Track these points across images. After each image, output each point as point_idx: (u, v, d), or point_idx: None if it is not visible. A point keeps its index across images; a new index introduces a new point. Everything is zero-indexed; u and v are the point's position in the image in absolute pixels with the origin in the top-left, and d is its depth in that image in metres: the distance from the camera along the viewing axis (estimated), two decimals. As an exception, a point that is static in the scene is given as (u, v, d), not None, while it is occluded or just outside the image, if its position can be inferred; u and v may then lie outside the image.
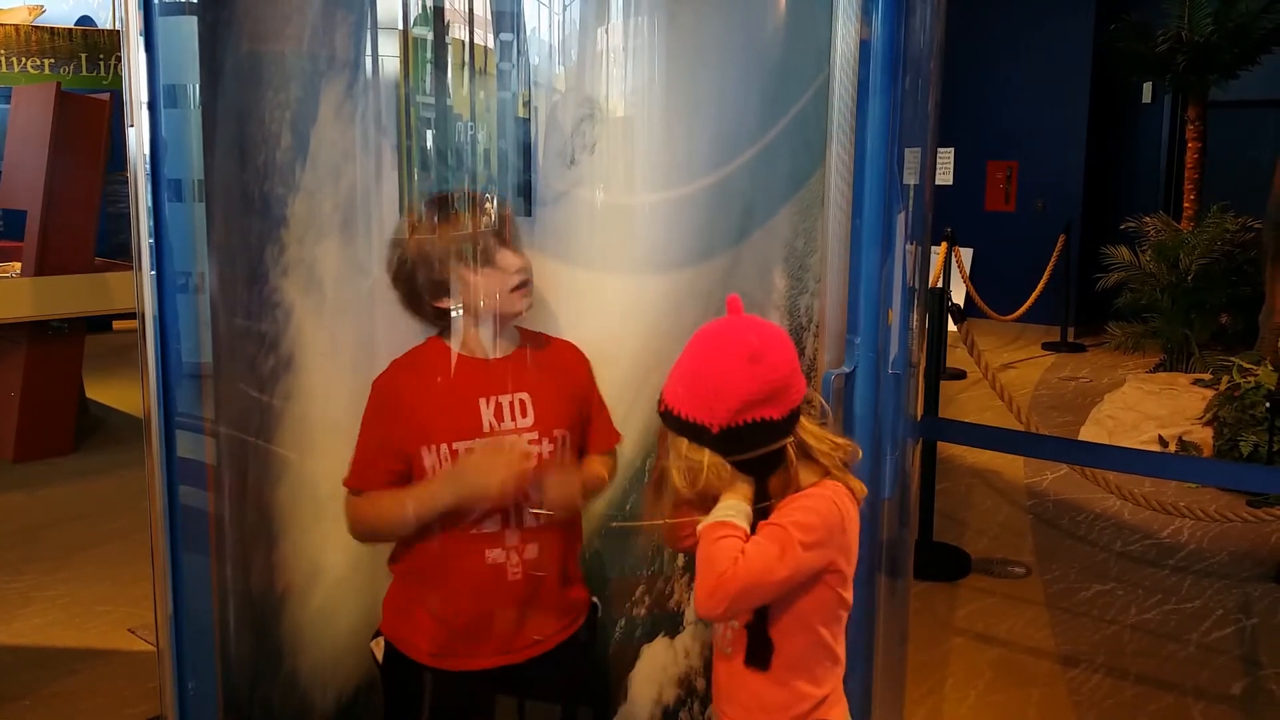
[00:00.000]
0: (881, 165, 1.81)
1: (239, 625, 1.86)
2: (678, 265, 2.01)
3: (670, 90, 1.94)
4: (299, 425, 1.88)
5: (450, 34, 1.83)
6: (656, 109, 1.95)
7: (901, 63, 1.78)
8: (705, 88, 1.94)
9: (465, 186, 1.86)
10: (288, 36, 1.74)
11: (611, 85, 1.94)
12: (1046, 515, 4.97)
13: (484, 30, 1.84)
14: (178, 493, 1.86)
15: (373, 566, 1.94)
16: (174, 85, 1.74)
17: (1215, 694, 3.32)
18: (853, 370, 1.85)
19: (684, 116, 1.95)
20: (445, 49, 1.82)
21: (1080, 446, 4.28)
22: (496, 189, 1.88)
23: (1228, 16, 7.63)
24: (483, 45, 1.84)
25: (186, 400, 1.83)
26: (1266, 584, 4.17)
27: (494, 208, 1.85)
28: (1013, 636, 3.71)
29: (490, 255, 1.79)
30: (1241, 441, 5.36)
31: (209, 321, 1.81)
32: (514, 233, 1.83)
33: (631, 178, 1.98)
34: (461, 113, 1.86)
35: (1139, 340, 7.75)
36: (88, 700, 3.22)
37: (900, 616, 2.12)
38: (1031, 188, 9.86)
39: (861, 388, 1.86)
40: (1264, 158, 6.62)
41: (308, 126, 1.77)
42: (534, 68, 1.89)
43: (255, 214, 1.76)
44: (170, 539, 1.88)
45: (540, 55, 1.89)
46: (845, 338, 1.88)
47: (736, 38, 1.93)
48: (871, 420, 1.87)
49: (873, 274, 1.83)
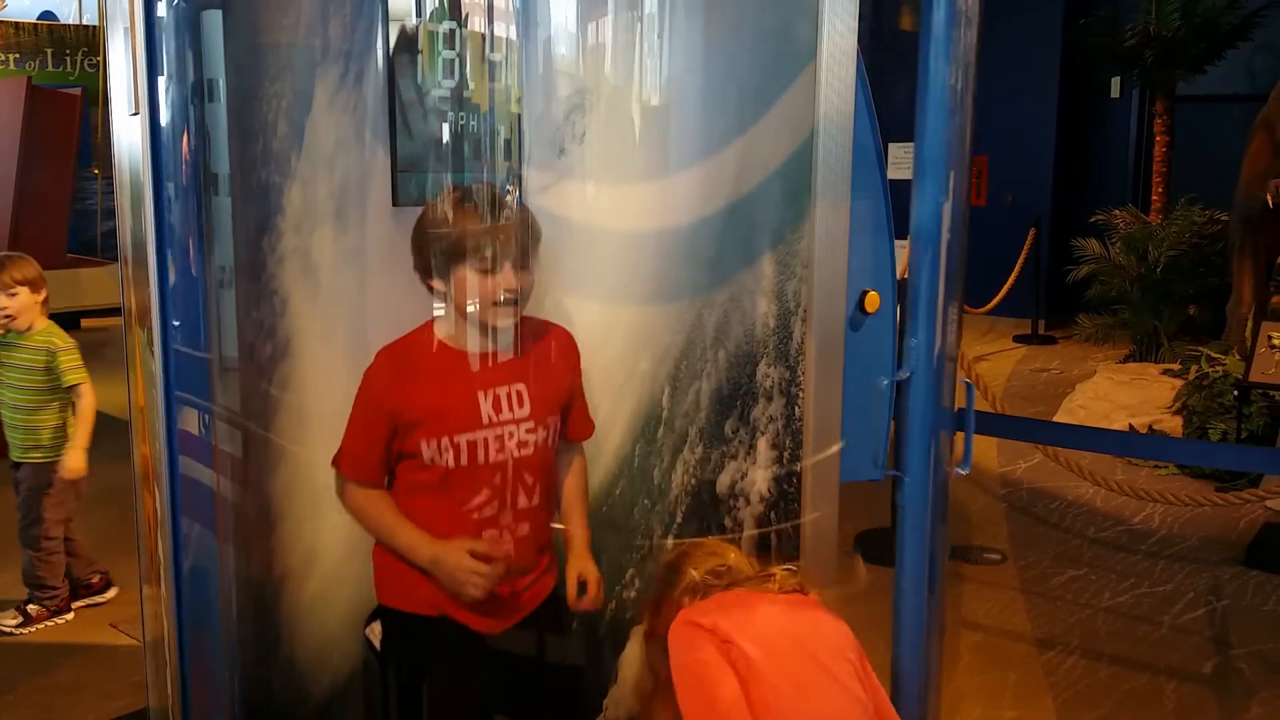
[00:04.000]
0: (941, 170, 1.84)
1: (242, 608, 1.88)
2: (665, 251, 2.04)
3: (658, 80, 1.97)
4: (296, 413, 1.89)
5: (443, 25, 1.85)
6: (646, 99, 1.98)
7: (959, 48, 1.81)
8: (695, 78, 1.97)
9: (469, 180, 1.89)
10: (285, 27, 1.75)
11: (601, 76, 1.97)
12: (1021, 503, 5.05)
13: (479, 22, 1.87)
14: (179, 481, 1.87)
15: (367, 555, 1.96)
16: (209, 80, 1.75)
17: (1187, 673, 3.40)
18: (909, 375, 1.88)
19: (672, 106, 1.98)
20: (440, 40, 1.84)
21: (1058, 428, 4.34)
22: (490, 179, 1.90)
23: (1194, 12, 7.75)
24: (477, 35, 1.86)
25: (188, 388, 1.84)
26: (1235, 567, 4.26)
27: (513, 222, 1.87)
28: (990, 621, 3.77)
29: (487, 264, 1.82)
30: (1210, 429, 5.46)
31: (217, 313, 1.83)
32: (522, 253, 1.86)
33: (620, 167, 2.01)
34: (454, 103, 1.88)
35: (1109, 332, 7.86)
36: (71, 695, 3.21)
37: (937, 608, 2.16)
38: (1002, 182, 9.95)
39: (918, 386, 1.89)
40: (1231, 151, 6.73)
41: (303, 116, 1.79)
42: (527, 58, 1.91)
43: (253, 202, 1.77)
44: (173, 527, 1.89)
45: (533, 46, 1.92)
46: (906, 339, 1.90)
47: (725, 28, 1.96)
48: (930, 415, 1.90)
49: (930, 272, 1.86)
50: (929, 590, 1.98)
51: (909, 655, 1.97)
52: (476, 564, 1.86)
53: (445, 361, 1.88)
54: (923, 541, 1.91)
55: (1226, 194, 6.73)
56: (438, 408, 1.85)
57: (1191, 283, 7.44)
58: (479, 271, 1.83)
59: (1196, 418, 5.56)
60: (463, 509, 1.87)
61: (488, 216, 1.86)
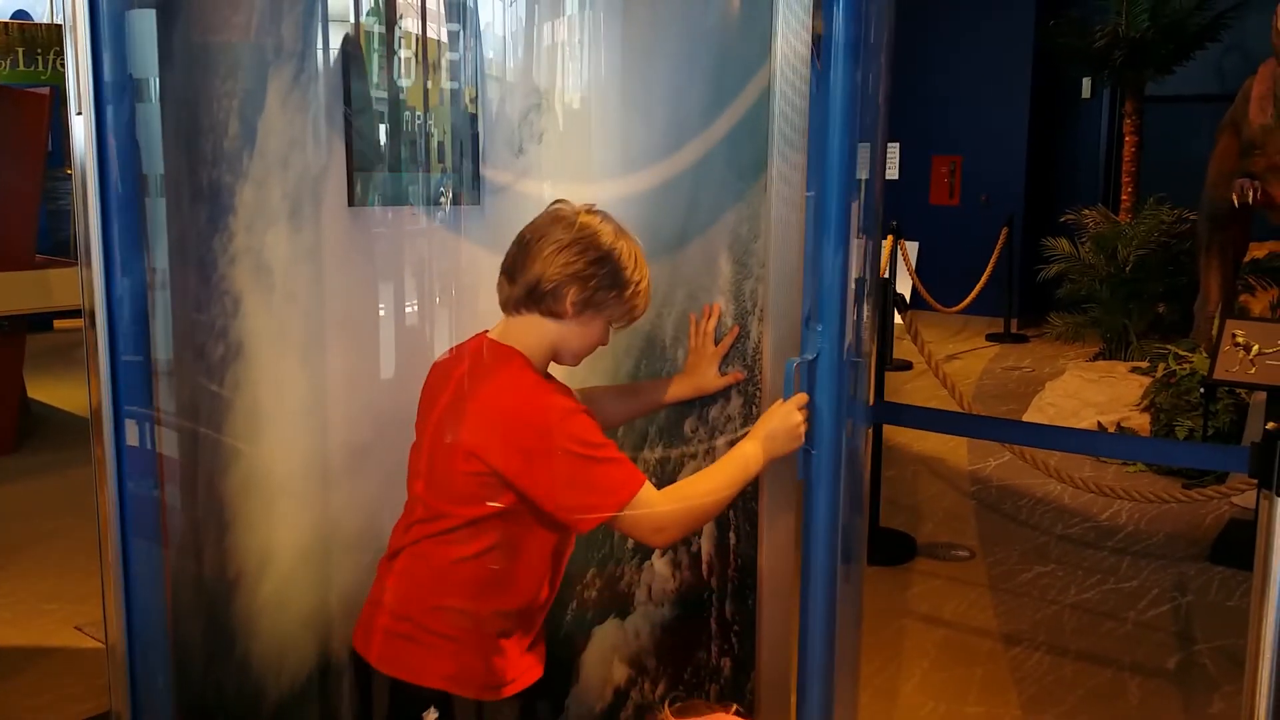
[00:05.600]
0: (843, 158, 1.85)
1: (191, 611, 1.87)
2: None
3: (617, 81, 1.97)
4: (249, 414, 1.88)
5: (400, 25, 1.84)
6: (604, 99, 1.98)
7: (861, 55, 1.83)
8: (651, 78, 1.97)
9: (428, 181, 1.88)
10: (235, 26, 1.74)
11: (558, 76, 1.97)
12: (990, 500, 5.08)
13: (434, 22, 1.86)
14: (127, 485, 1.86)
15: (324, 558, 1.96)
16: (137, 79, 1.73)
17: (1151, 668, 3.43)
18: (815, 358, 1.89)
19: (631, 106, 1.98)
20: (395, 39, 1.83)
21: (1023, 427, 4.37)
22: (446, 178, 1.90)
23: (1162, 12, 7.82)
24: (433, 37, 1.86)
25: (136, 391, 1.83)
26: (1200, 563, 4.30)
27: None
28: (957, 617, 3.79)
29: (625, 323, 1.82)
30: (1177, 426, 5.51)
31: (163, 314, 1.81)
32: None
33: (579, 167, 2.01)
34: (410, 103, 1.88)
35: (1079, 330, 7.92)
36: (34, 698, 3.19)
37: (855, 601, 2.18)
38: (976, 182, 10.02)
39: (824, 375, 1.90)
40: (1200, 151, 6.78)
41: (255, 115, 1.78)
42: (482, 58, 1.91)
43: (204, 201, 1.76)
44: (121, 530, 1.87)
45: (488, 46, 1.92)
46: (805, 326, 1.92)
47: (681, 29, 1.96)
48: (834, 406, 1.91)
49: (833, 264, 1.88)
50: (841, 576, 1.99)
51: (815, 644, 1.97)
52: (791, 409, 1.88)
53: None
54: (831, 516, 1.92)
55: (1196, 193, 6.79)
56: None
57: (1160, 281, 7.50)
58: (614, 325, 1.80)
59: (1164, 415, 5.61)
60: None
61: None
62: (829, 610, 1.95)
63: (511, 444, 1.71)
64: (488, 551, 1.75)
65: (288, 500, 1.92)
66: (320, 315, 1.91)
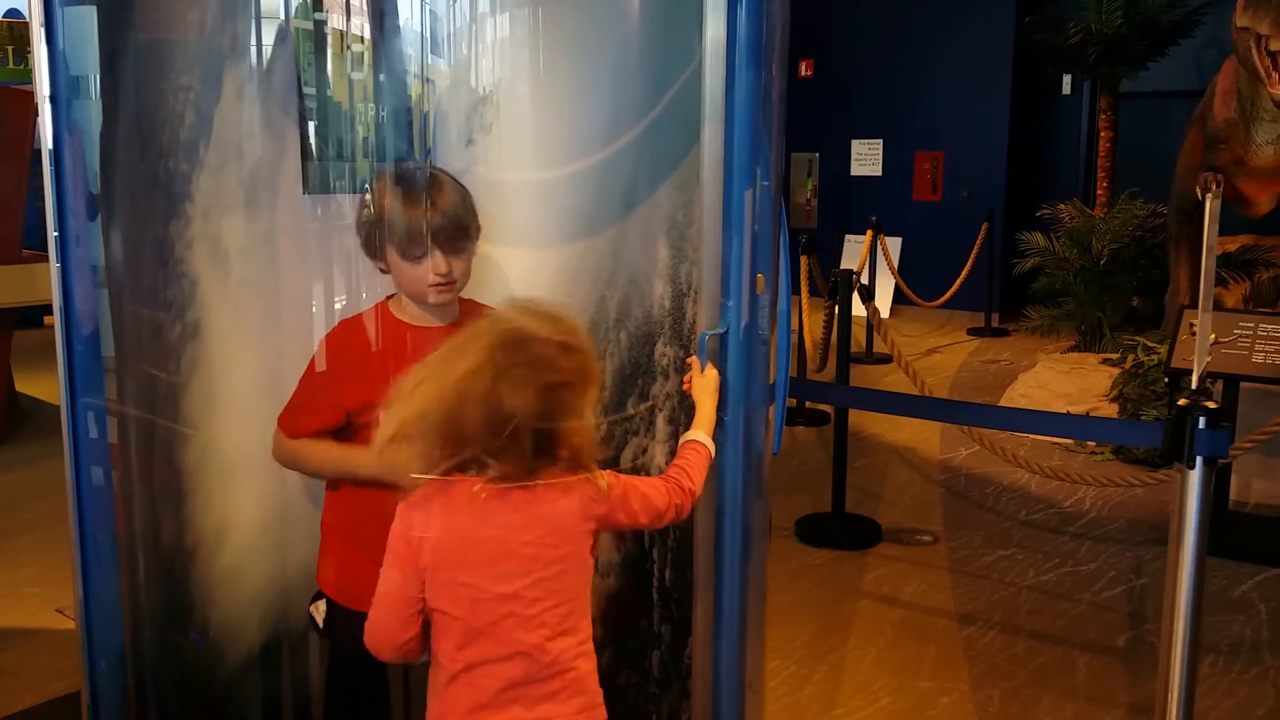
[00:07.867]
0: (748, 152, 1.96)
1: (149, 577, 1.96)
2: (569, 239, 2.14)
3: (557, 74, 2.07)
4: (205, 393, 1.98)
5: (352, 19, 1.94)
6: (545, 92, 2.08)
7: (762, 53, 1.93)
8: (589, 71, 2.07)
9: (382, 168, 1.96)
10: (189, 23, 1.84)
11: (503, 70, 2.06)
12: (958, 488, 5.18)
13: (387, 16, 1.96)
14: (87, 468, 1.95)
15: (281, 530, 2.05)
16: (78, 76, 1.82)
17: (1100, 646, 3.53)
18: (725, 331, 2.00)
19: (571, 98, 2.08)
20: (348, 33, 1.93)
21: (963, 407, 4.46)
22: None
23: (1136, 9, 7.92)
24: (386, 30, 1.95)
25: (90, 378, 1.92)
26: (1159, 547, 4.40)
27: (451, 210, 1.90)
28: (915, 599, 3.89)
29: (418, 251, 1.88)
30: (1143, 415, 5.61)
31: (118, 302, 1.91)
32: (459, 238, 1.90)
33: (524, 156, 2.11)
34: (363, 95, 1.98)
35: (1055, 323, 8.02)
36: (14, 676, 3.29)
37: (759, 578, 2.29)
38: (957, 178, 10.13)
39: (733, 351, 2.01)
40: (1174, 147, 6.88)
41: (211, 107, 1.88)
42: (431, 53, 2.01)
43: (159, 190, 1.86)
44: (78, 513, 1.96)
45: (439, 40, 2.01)
46: (719, 302, 2.02)
47: (615, 24, 2.06)
48: (741, 381, 2.01)
49: (739, 247, 2.00)
50: (743, 552, 2.10)
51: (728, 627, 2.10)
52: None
53: (391, 335, 1.94)
54: (739, 485, 2.03)
55: (1170, 187, 6.88)
56: (381, 379, 1.90)
57: (1134, 274, 7.60)
58: (409, 258, 1.88)
59: (1130, 405, 5.72)
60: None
61: (421, 199, 1.89)
62: (740, 588, 2.06)
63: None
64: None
65: (244, 475, 2.02)
66: (275, 298, 2.01)
